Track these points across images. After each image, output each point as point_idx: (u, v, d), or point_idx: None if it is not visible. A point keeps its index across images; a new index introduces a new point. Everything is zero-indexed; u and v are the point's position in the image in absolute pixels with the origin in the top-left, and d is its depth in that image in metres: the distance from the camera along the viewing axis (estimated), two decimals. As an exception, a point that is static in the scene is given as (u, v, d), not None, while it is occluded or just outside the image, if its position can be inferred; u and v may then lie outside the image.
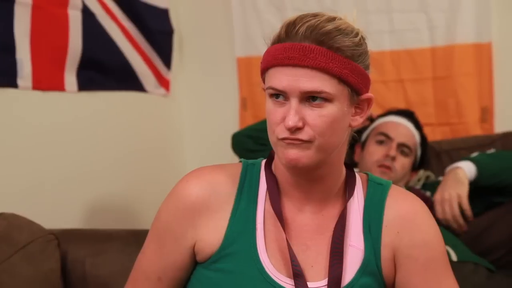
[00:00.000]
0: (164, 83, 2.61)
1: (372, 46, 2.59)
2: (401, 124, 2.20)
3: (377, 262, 1.12)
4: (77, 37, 2.05)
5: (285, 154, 1.07)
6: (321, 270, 1.11)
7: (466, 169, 1.92)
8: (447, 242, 1.84)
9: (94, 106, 2.21)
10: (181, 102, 2.78)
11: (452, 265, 1.72)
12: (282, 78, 1.05)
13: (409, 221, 1.13)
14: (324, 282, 1.10)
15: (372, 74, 2.74)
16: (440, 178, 2.09)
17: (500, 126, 2.46)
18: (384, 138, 2.16)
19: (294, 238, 1.12)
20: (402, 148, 2.15)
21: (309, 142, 1.05)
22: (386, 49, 2.56)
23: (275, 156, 1.15)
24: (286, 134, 1.06)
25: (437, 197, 1.94)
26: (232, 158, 2.28)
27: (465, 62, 2.48)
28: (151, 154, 2.53)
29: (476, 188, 1.95)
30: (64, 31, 2.00)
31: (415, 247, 1.12)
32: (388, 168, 2.12)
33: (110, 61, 2.24)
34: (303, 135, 1.05)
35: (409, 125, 2.21)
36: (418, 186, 2.16)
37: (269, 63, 1.07)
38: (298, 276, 1.08)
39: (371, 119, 2.26)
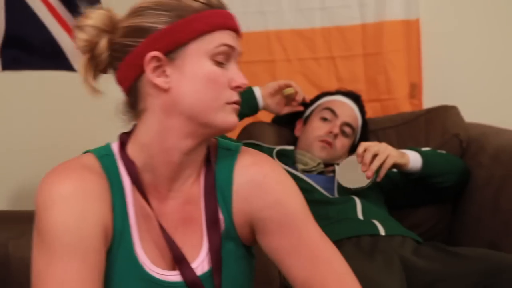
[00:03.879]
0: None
1: (303, 23, 2.65)
2: (348, 104, 2.23)
3: (234, 228, 1.12)
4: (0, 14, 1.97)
5: (230, 119, 1.08)
6: (197, 246, 1.10)
7: (412, 156, 1.93)
8: (376, 217, 1.90)
9: (19, 86, 2.14)
10: (114, 80, 2.71)
11: (380, 239, 1.80)
12: (231, 39, 1.09)
13: (257, 185, 1.11)
14: (203, 255, 1.09)
15: (304, 51, 2.78)
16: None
17: (428, 101, 2.51)
18: (330, 115, 2.18)
19: (165, 223, 1.08)
20: (345, 127, 2.17)
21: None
22: (317, 26, 2.56)
23: (164, 136, 1.07)
24: (237, 97, 1.09)
25: (370, 141, 1.93)
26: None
27: (394, 38, 2.51)
28: (79, 135, 2.47)
29: (411, 180, 1.99)
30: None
31: (267, 209, 1.10)
32: (329, 144, 2.13)
33: (35, 39, 2.17)
34: (238, 98, 1.10)
35: (355, 108, 2.24)
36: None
37: (215, 26, 1.06)
38: (181, 261, 1.07)
39: (305, 104, 2.27)
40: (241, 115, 2.16)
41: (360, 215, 1.90)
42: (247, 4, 2.56)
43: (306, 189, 1.98)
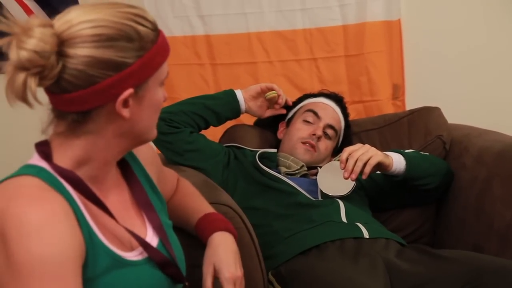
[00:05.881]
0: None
1: (284, 24, 2.65)
2: (331, 106, 2.22)
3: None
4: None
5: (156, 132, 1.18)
6: (142, 225, 1.20)
7: (396, 158, 1.92)
8: (360, 220, 1.89)
9: None
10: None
11: (364, 242, 1.78)
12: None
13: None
14: (150, 231, 1.19)
15: (285, 52, 2.77)
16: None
17: (411, 102, 2.52)
18: (312, 117, 2.16)
19: (114, 212, 1.14)
20: (328, 130, 2.16)
21: None
22: (298, 27, 2.55)
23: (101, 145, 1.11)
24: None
25: (353, 143, 1.92)
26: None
27: (376, 39, 2.51)
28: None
29: (394, 183, 1.98)
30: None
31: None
32: (313, 147, 2.12)
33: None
34: None
35: (337, 110, 2.23)
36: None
37: (167, 54, 1.13)
38: (144, 243, 1.14)
39: (288, 106, 2.25)
40: (223, 118, 2.15)
41: (344, 218, 1.88)
42: (228, 6, 2.55)
43: (289, 192, 1.98)
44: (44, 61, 1.00)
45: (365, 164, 1.82)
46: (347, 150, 1.86)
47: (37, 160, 1.10)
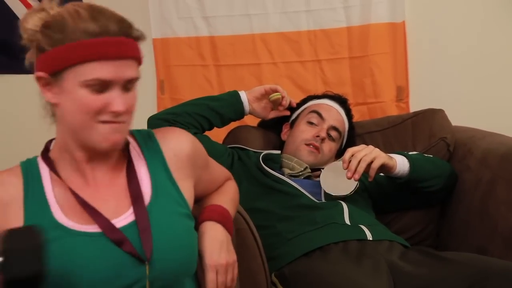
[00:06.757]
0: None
1: (289, 26, 2.65)
2: (335, 108, 2.22)
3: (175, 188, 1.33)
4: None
5: (107, 137, 1.20)
6: (125, 207, 1.27)
7: (399, 161, 1.92)
8: (363, 222, 1.89)
9: (3, 90, 2.11)
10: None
11: (367, 244, 1.78)
12: (106, 71, 1.16)
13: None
14: (127, 215, 1.26)
15: (289, 54, 2.77)
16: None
17: (415, 104, 2.51)
18: (316, 118, 2.16)
19: (90, 199, 1.25)
20: (332, 131, 2.16)
21: (127, 123, 1.24)
22: (302, 29, 2.55)
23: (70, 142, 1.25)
24: (109, 117, 1.19)
25: (357, 145, 1.91)
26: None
27: (380, 41, 2.51)
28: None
29: (398, 185, 1.97)
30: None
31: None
32: (317, 148, 2.12)
33: (17, 43, 2.14)
34: (124, 118, 1.22)
35: (341, 111, 2.23)
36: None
37: (86, 57, 1.15)
38: (96, 214, 1.22)
39: (292, 108, 2.25)
40: (227, 120, 2.16)
41: (347, 220, 1.88)
42: (232, 7, 2.55)
43: (293, 194, 1.98)
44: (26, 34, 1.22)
45: (368, 165, 1.82)
46: (350, 151, 1.85)
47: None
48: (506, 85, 2.52)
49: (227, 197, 1.52)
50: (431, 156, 2.08)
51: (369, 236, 1.82)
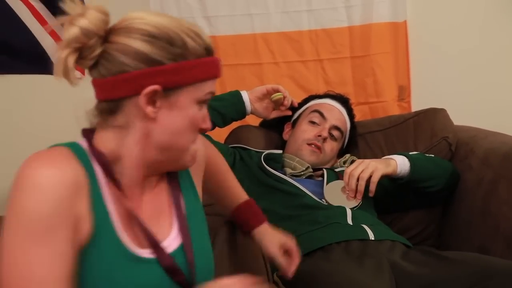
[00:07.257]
0: (78, 65, 2.52)
1: (290, 26, 2.65)
2: (336, 107, 2.22)
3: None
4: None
5: (189, 163, 1.21)
6: (168, 227, 1.21)
7: (400, 161, 1.92)
8: (365, 222, 1.89)
9: (2, 89, 2.11)
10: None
11: (369, 244, 1.78)
12: (214, 86, 1.18)
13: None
14: (174, 235, 1.20)
15: (291, 54, 2.77)
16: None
17: (417, 103, 2.51)
18: (318, 118, 2.16)
19: (139, 212, 1.17)
20: (334, 131, 2.16)
21: None
22: (304, 28, 2.55)
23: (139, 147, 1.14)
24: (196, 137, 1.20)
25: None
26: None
27: (382, 41, 2.51)
28: (64, 139, 2.45)
29: (399, 185, 1.98)
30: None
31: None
32: (319, 148, 2.12)
33: (18, 43, 2.15)
34: None
35: (343, 111, 2.23)
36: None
37: (210, 76, 1.15)
38: (156, 245, 1.15)
39: (293, 107, 2.25)
40: (229, 119, 2.15)
41: (349, 220, 1.88)
42: (234, 7, 2.55)
43: (294, 194, 1.98)
44: (86, 39, 1.07)
45: (368, 180, 1.83)
46: (347, 172, 1.87)
47: (82, 142, 1.16)
48: (508, 84, 2.52)
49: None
50: (433, 156, 2.08)
51: (371, 236, 1.82)
